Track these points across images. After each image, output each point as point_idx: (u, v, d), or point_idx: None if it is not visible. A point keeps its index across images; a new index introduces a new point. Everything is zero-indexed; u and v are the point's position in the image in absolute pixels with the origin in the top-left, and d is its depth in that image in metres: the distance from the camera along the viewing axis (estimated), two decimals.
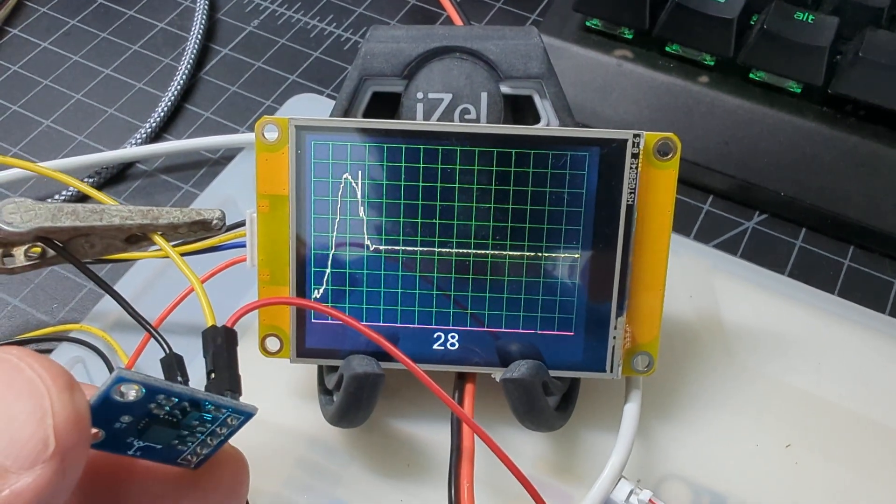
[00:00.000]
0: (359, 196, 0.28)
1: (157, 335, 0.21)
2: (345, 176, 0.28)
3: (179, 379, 0.20)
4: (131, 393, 0.18)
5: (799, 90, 0.39)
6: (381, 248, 0.29)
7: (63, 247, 0.23)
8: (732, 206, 0.39)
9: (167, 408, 0.19)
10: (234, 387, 0.21)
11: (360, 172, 0.28)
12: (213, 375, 0.21)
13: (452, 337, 0.29)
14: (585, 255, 0.28)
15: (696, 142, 0.39)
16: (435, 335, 0.29)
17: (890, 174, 0.37)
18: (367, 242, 0.29)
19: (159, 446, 0.20)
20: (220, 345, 0.21)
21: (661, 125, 0.39)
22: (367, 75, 0.30)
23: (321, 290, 0.29)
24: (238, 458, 0.22)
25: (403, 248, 0.29)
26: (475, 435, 0.28)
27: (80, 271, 0.23)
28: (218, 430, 0.20)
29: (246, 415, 0.20)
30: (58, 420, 0.16)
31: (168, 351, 0.21)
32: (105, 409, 0.18)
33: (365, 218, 0.28)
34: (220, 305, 0.34)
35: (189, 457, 0.20)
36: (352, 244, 0.29)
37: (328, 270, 0.29)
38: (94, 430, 0.18)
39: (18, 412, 0.16)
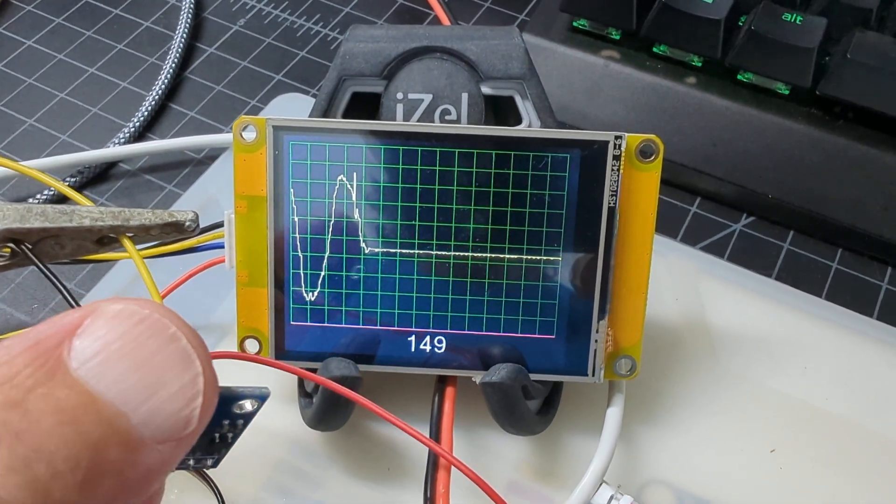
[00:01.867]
0: (336, 198, 0.28)
1: None
2: (323, 177, 0.28)
3: None
4: (248, 406, 0.18)
5: (787, 92, 0.39)
6: (362, 250, 0.28)
7: (30, 249, 0.22)
8: (720, 208, 0.39)
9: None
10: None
11: (338, 174, 0.28)
12: None
13: (433, 340, 0.29)
14: (567, 258, 0.28)
15: (683, 143, 0.39)
16: (415, 338, 0.29)
17: (878, 176, 0.37)
18: (347, 244, 0.28)
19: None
20: None
21: (648, 126, 0.39)
22: (346, 75, 0.29)
23: (303, 292, 0.29)
24: None
25: (383, 249, 0.28)
26: (452, 441, 0.28)
27: (43, 274, 0.22)
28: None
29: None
30: (205, 403, 0.16)
31: None
32: None
33: (344, 219, 0.28)
34: (198, 305, 0.34)
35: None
36: (331, 246, 0.28)
37: (307, 272, 0.29)
38: None
39: (169, 384, 0.15)
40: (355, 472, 0.31)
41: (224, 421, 0.19)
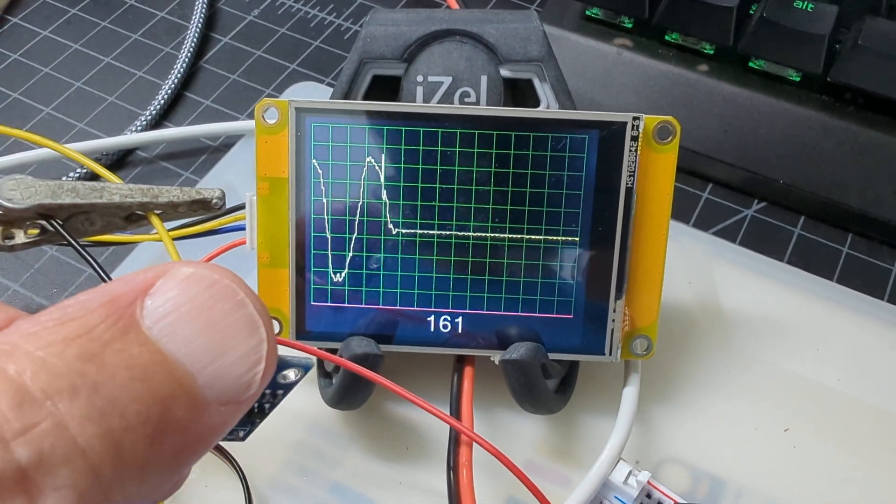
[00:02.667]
0: (359, 178, 0.28)
1: None
2: (344, 159, 0.28)
3: None
4: (291, 375, 0.18)
5: (798, 79, 0.39)
6: (383, 231, 0.29)
7: (62, 225, 0.23)
8: (732, 193, 0.39)
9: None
10: None
11: (359, 155, 0.28)
12: None
13: (452, 319, 0.29)
14: (585, 238, 0.28)
15: (695, 130, 0.39)
16: (434, 318, 0.29)
17: (889, 162, 0.37)
18: (367, 225, 0.29)
19: None
20: None
21: (660, 114, 0.39)
22: (367, 58, 0.30)
23: (320, 272, 0.29)
24: None
25: (403, 230, 0.29)
26: (473, 419, 0.28)
27: (77, 252, 0.23)
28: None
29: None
30: (267, 368, 0.16)
31: None
32: None
33: (365, 200, 0.28)
34: None
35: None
36: (351, 227, 0.29)
37: (329, 253, 0.29)
38: None
39: (235, 348, 0.16)
40: (375, 451, 0.31)
41: (266, 390, 0.19)
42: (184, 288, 0.16)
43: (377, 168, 0.28)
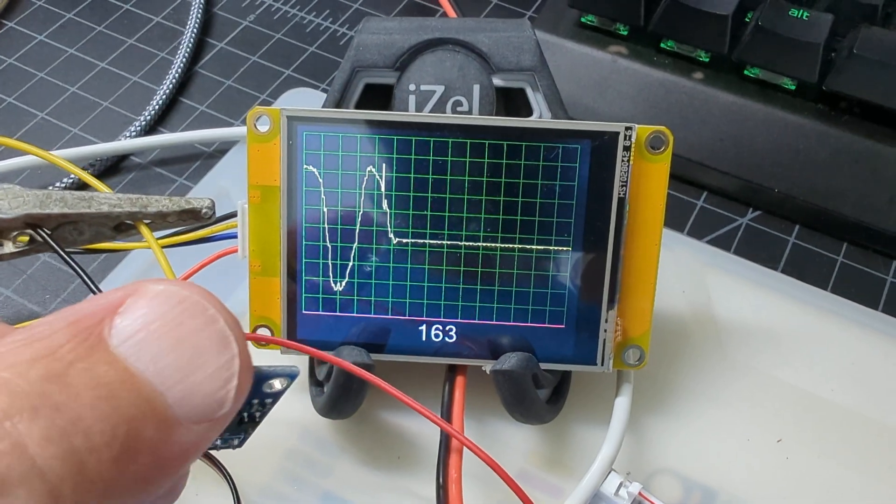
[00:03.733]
0: (351, 187, 0.28)
1: None
2: (336, 167, 0.28)
3: None
4: (277, 385, 0.18)
5: (793, 87, 0.39)
6: (373, 240, 0.29)
7: (49, 235, 0.23)
8: (726, 202, 0.39)
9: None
10: None
11: (351, 164, 0.28)
12: None
13: (443, 329, 0.29)
14: (577, 248, 0.28)
15: (690, 138, 0.39)
16: (426, 327, 0.29)
17: (884, 171, 0.37)
18: (359, 234, 0.29)
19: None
20: None
21: (655, 121, 0.39)
22: (359, 67, 0.30)
23: (311, 281, 0.29)
24: None
25: (395, 239, 0.29)
26: (463, 428, 0.28)
27: (64, 261, 0.23)
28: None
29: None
30: (240, 385, 0.16)
31: None
32: None
33: (357, 209, 0.28)
34: None
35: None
36: (343, 235, 0.29)
37: (319, 261, 0.29)
38: None
39: (205, 365, 0.15)
40: (366, 460, 0.31)
41: (253, 400, 0.19)
42: (153, 306, 0.15)
43: (368, 177, 0.28)
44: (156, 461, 0.15)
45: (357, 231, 0.29)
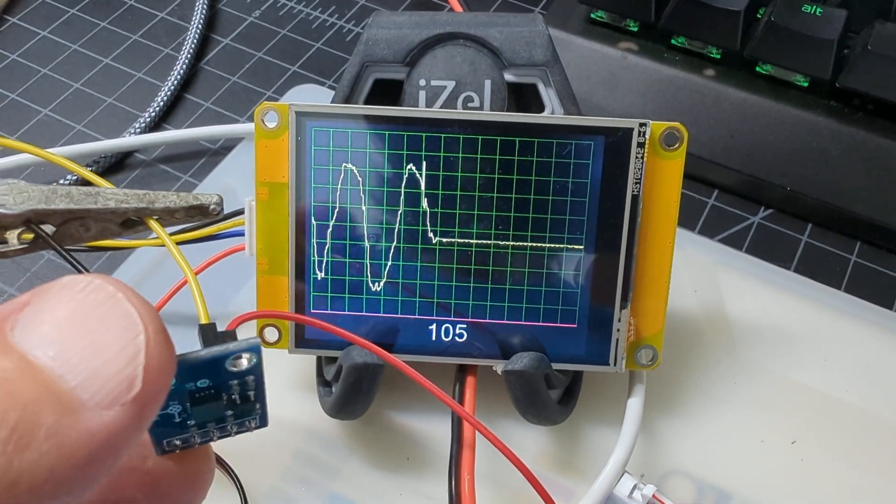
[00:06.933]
0: (360, 184, 0.28)
1: None
2: (345, 164, 0.28)
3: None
4: (244, 362, 0.17)
5: (806, 84, 0.39)
6: (382, 237, 0.28)
7: (49, 234, 0.22)
8: (738, 200, 0.39)
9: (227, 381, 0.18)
10: None
11: (361, 160, 0.28)
12: None
13: (453, 328, 0.29)
14: (590, 247, 0.28)
15: (701, 136, 0.39)
16: (436, 326, 0.29)
17: None
18: (368, 232, 0.28)
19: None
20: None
21: (666, 118, 0.38)
22: (369, 62, 0.29)
23: (322, 279, 0.28)
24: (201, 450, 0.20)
25: (405, 237, 0.28)
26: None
27: (64, 260, 0.22)
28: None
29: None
30: (150, 362, 0.15)
31: None
32: (193, 370, 0.17)
33: (365, 207, 0.28)
34: (218, 294, 0.34)
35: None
36: (352, 233, 0.28)
37: (327, 259, 0.28)
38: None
39: (109, 344, 0.15)
40: (375, 461, 0.30)
41: (230, 381, 0.18)
42: (56, 297, 0.15)
43: (378, 174, 0.28)
44: (60, 447, 0.14)
45: (366, 228, 0.28)
